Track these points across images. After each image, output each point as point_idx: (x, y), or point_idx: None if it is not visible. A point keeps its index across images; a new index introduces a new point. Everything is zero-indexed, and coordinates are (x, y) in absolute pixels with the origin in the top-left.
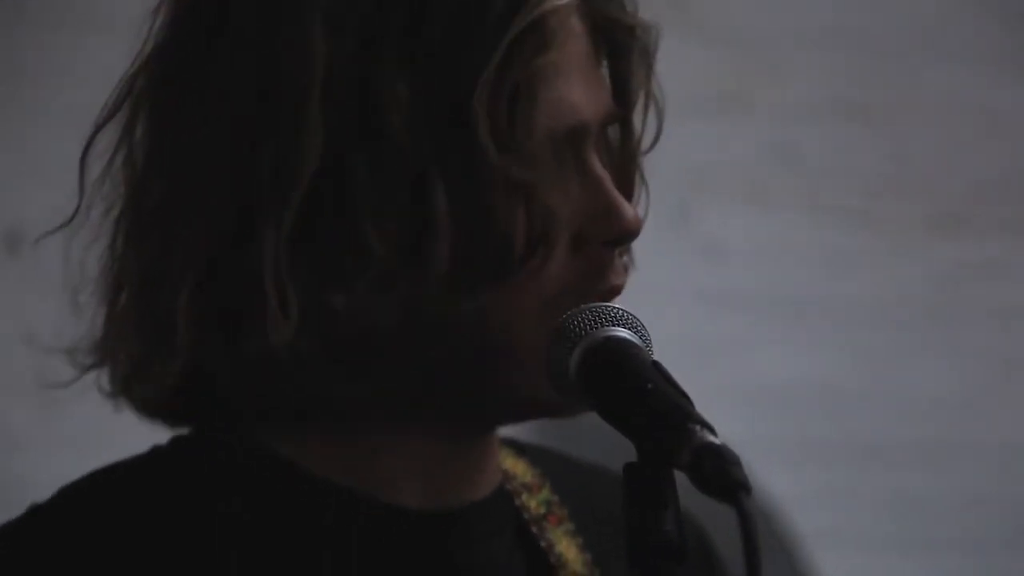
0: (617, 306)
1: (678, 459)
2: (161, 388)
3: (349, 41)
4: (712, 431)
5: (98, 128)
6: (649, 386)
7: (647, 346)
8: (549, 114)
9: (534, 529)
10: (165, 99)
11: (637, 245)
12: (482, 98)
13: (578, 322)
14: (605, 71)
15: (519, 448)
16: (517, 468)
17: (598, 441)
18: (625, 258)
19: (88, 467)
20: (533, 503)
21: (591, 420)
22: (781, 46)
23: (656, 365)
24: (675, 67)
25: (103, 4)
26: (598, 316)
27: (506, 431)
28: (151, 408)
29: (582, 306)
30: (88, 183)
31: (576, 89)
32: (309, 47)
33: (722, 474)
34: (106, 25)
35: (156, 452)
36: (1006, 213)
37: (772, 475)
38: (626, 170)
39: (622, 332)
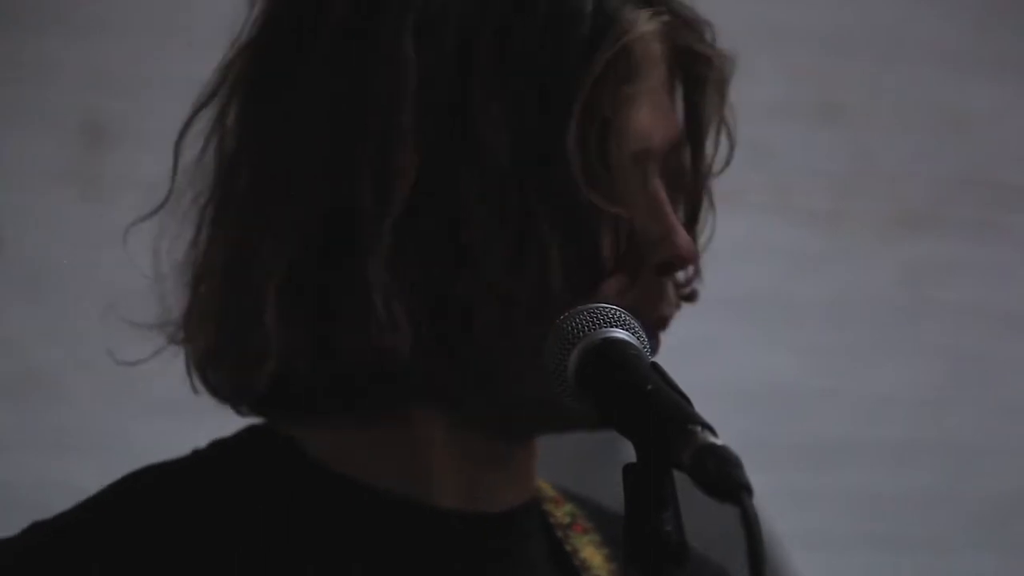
0: (613, 307)
1: (679, 460)
2: (238, 379)
3: (442, 56)
4: (713, 432)
5: (195, 112)
6: (649, 387)
7: (644, 347)
8: (627, 140)
9: (560, 534)
10: (257, 92)
11: None
12: (573, 127)
13: (575, 323)
14: (678, 97)
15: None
16: (540, 484)
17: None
18: (690, 288)
19: (70, 469)
20: (559, 513)
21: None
22: (750, 46)
23: (654, 366)
24: None
25: (90, 7)
26: (595, 317)
27: None
28: (223, 393)
29: (578, 307)
30: (180, 169)
31: (649, 115)
32: (401, 54)
33: (725, 475)
34: (91, 28)
35: (195, 456)
36: (972, 213)
37: None
38: (694, 197)
39: (619, 333)
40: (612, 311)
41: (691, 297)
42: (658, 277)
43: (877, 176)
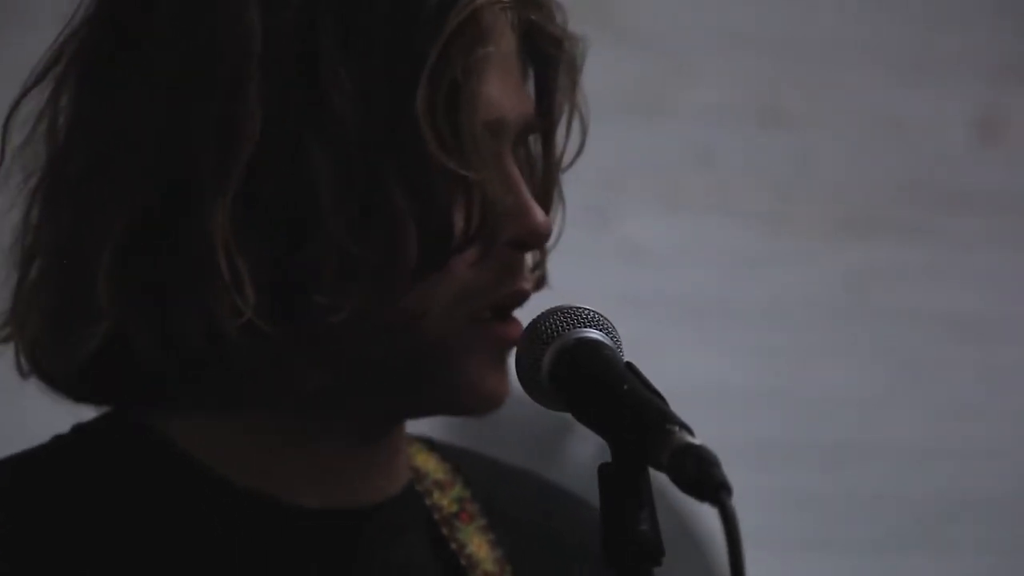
0: (587, 308)
1: (657, 460)
2: (72, 358)
3: (287, 19)
4: (690, 432)
5: (24, 93)
6: (625, 387)
7: (618, 347)
8: (479, 108)
9: (445, 530)
10: (95, 67)
11: (556, 247)
12: (423, 91)
13: (549, 323)
14: (530, 80)
15: (430, 444)
16: (428, 464)
17: (518, 443)
18: (538, 272)
19: None
20: (445, 501)
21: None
22: (697, 50)
23: (630, 366)
24: (592, 70)
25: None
26: (569, 317)
27: (418, 428)
28: (59, 380)
29: (554, 307)
30: (9, 150)
31: (498, 85)
32: (245, 20)
33: (705, 475)
34: (30, 19)
35: (55, 443)
36: (913, 217)
37: None
38: (546, 182)
39: (594, 333)
40: (586, 311)
41: (541, 282)
42: (512, 252)
43: (818, 180)
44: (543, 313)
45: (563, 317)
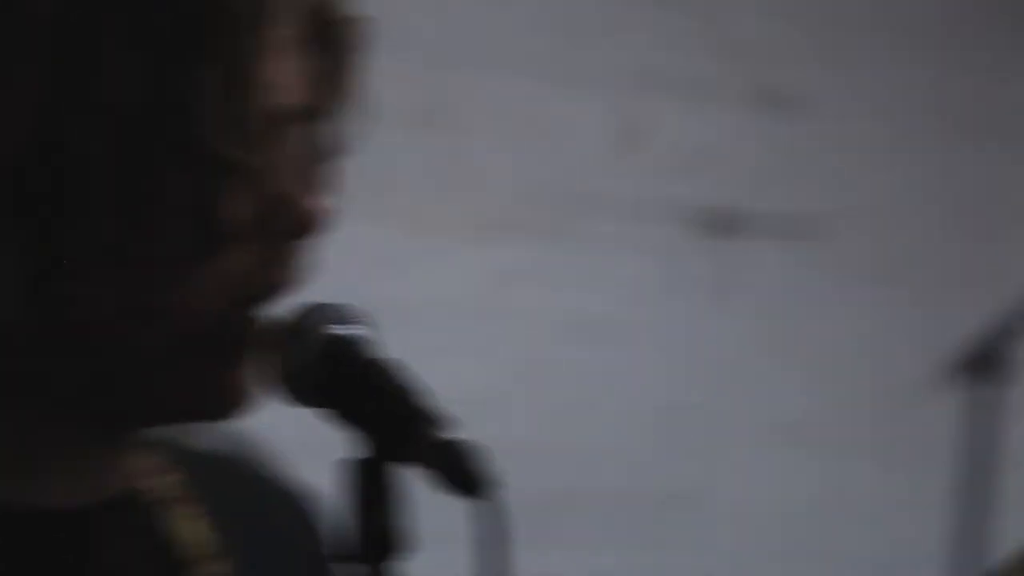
0: (348, 304)
1: (420, 455)
2: None
3: (74, 7)
4: (455, 427)
5: None
6: (386, 383)
7: (380, 342)
8: (262, 89)
9: (159, 511)
10: None
11: None
12: (197, 76)
13: (311, 320)
14: (307, 60)
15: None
16: (149, 455)
17: None
18: (307, 261)
19: None
20: (161, 487)
21: None
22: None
23: (389, 361)
24: None
25: None
26: (329, 314)
27: None
28: None
29: (316, 303)
30: None
31: (281, 69)
32: (32, 8)
33: (466, 470)
34: None
35: None
36: (550, 219)
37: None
38: (324, 170)
39: (353, 329)
40: (346, 308)
41: (305, 274)
42: (281, 241)
43: (459, 180)
44: (302, 309)
45: (325, 313)
